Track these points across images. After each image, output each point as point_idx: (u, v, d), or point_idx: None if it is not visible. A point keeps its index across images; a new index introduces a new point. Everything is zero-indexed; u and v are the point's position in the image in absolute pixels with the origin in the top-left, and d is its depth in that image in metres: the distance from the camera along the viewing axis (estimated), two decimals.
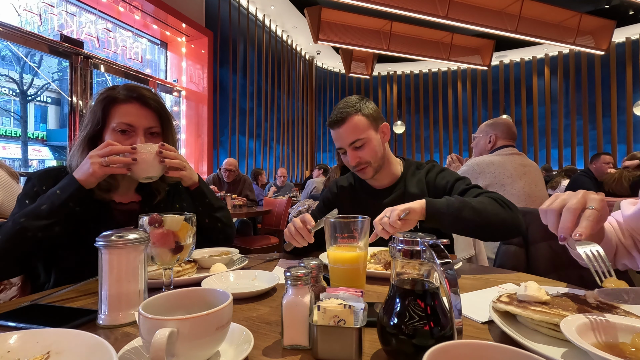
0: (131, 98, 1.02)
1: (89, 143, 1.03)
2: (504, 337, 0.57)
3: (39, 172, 1.06)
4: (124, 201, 1.11)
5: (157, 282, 0.80)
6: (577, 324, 0.51)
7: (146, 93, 1.05)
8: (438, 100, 10.96)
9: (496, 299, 0.64)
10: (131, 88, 1.04)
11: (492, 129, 2.30)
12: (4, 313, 0.69)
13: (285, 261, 1.13)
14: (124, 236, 0.66)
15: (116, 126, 1.01)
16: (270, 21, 8.27)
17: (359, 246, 0.77)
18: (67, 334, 0.50)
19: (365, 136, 1.22)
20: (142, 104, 1.03)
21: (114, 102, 1.02)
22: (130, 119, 1.01)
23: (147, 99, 1.04)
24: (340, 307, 0.52)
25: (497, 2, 6.56)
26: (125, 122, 1.01)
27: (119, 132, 1.01)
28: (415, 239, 0.51)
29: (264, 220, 4.30)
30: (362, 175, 1.29)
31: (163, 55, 6.01)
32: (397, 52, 7.84)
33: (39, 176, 1.03)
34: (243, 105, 7.42)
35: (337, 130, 1.24)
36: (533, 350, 0.48)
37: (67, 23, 4.36)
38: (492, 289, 0.82)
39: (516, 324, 0.60)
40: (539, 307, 0.58)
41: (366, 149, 1.22)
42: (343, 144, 1.24)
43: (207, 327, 0.47)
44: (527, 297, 0.61)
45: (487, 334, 0.60)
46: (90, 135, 1.03)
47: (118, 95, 1.02)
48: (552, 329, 0.54)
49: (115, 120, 1.01)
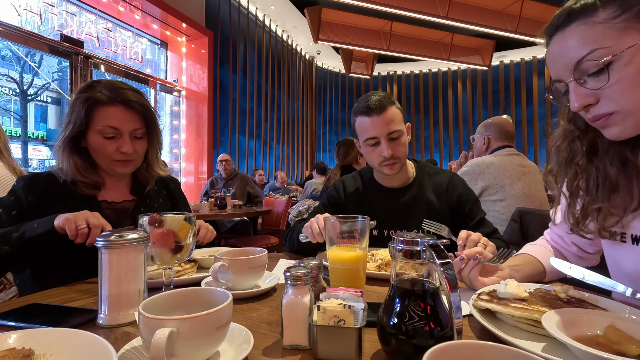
0: (115, 101, 1.01)
1: (70, 143, 1.02)
2: (485, 333, 0.59)
3: (26, 178, 1.03)
4: (117, 200, 1.11)
5: (157, 282, 0.80)
6: (556, 319, 0.54)
7: (130, 95, 1.03)
8: (438, 100, 10.96)
9: (476, 296, 0.66)
10: (114, 89, 1.02)
11: (485, 130, 2.33)
12: (4, 313, 0.69)
13: (286, 261, 1.13)
14: (124, 236, 0.66)
15: (101, 130, 1.00)
16: (270, 21, 8.26)
17: (359, 246, 0.77)
18: (67, 334, 0.50)
19: (402, 129, 1.22)
20: (126, 107, 1.02)
21: (97, 104, 1.00)
22: (115, 122, 1.00)
23: (131, 102, 1.02)
24: (340, 307, 0.52)
25: (497, 2, 6.56)
26: (109, 125, 1.00)
27: (103, 137, 1.00)
28: (415, 239, 0.51)
29: (264, 220, 4.30)
30: (390, 170, 1.23)
31: (163, 55, 6.01)
32: (397, 52, 7.84)
33: (25, 184, 1.01)
34: (243, 105, 7.41)
35: (376, 117, 1.18)
36: (517, 345, 0.50)
37: (67, 23, 4.36)
38: None
39: (495, 320, 0.62)
40: (518, 304, 0.60)
41: (400, 142, 1.21)
42: (380, 133, 1.19)
43: (207, 327, 0.47)
44: (507, 295, 0.63)
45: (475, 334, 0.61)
46: (72, 135, 1.02)
47: (101, 97, 1.00)
48: (531, 325, 0.57)
49: (99, 123, 1.00)
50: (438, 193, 1.27)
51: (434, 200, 1.26)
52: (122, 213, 1.09)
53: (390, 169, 1.23)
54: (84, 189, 1.03)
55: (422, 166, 1.35)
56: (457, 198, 1.26)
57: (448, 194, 1.26)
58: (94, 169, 1.06)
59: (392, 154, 1.19)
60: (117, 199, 1.11)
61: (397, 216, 1.26)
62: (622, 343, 0.49)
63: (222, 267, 0.77)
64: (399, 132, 1.20)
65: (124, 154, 1.01)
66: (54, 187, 1.02)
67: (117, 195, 1.11)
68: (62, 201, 1.01)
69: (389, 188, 1.31)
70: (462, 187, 1.29)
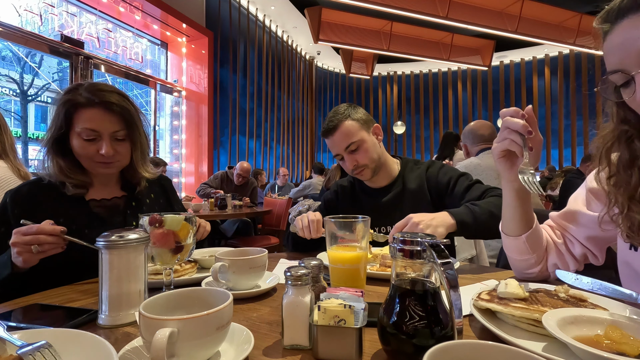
0: (93, 103, 0.99)
1: (53, 145, 1.02)
2: (485, 332, 0.59)
3: (12, 192, 1.01)
4: (107, 197, 1.10)
5: (157, 282, 0.80)
6: (556, 319, 0.53)
7: (109, 97, 1.01)
8: (438, 100, 10.96)
9: (477, 296, 0.66)
10: (93, 91, 1.00)
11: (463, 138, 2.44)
12: (4, 313, 0.69)
13: (286, 261, 1.13)
14: (124, 236, 0.66)
15: (81, 132, 0.99)
16: (270, 21, 8.27)
17: (359, 246, 0.77)
18: (67, 334, 0.50)
19: (359, 139, 1.26)
20: (105, 109, 1.00)
21: (77, 107, 1.00)
22: (94, 124, 0.99)
23: (110, 105, 1.01)
24: (340, 307, 0.52)
25: (497, 3, 6.57)
26: (89, 127, 0.99)
27: (84, 139, 1.00)
28: (416, 239, 0.51)
29: (264, 220, 4.30)
30: (361, 177, 1.33)
31: (163, 55, 6.02)
32: (397, 52, 7.85)
33: (10, 197, 1.00)
34: (243, 105, 7.42)
35: (331, 138, 1.28)
36: (517, 345, 0.50)
37: (67, 23, 4.37)
38: (475, 285, 0.84)
39: (496, 319, 0.62)
40: (519, 303, 0.60)
41: (361, 151, 1.26)
42: (339, 150, 1.28)
43: (208, 327, 0.47)
44: (507, 295, 0.63)
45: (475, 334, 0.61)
46: (54, 138, 1.02)
47: (80, 100, 0.99)
48: (531, 324, 0.57)
49: (78, 125, 0.99)
50: (419, 183, 1.30)
51: (416, 191, 1.30)
52: (113, 209, 1.09)
53: (361, 175, 1.32)
54: (72, 189, 1.03)
55: (405, 162, 1.39)
56: (436, 180, 1.28)
57: (428, 180, 1.30)
58: (80, 169, 1.05)
59: (355, 164, 1.28)
60: (107, 195, 1.10)
61: (384, 213, 1.29)
62: (622, 342, 0.49)
63: (223, 267, 0.77)
64: (357, 143, 1.26)
65: (103, 156, 1.00)
66: (39, 193, 1.02)
67: (107, 192, 1.11)
68: (50, 205, 1.01)
69: (375, 188, 1.37)
70: (441, 169, 1.31)
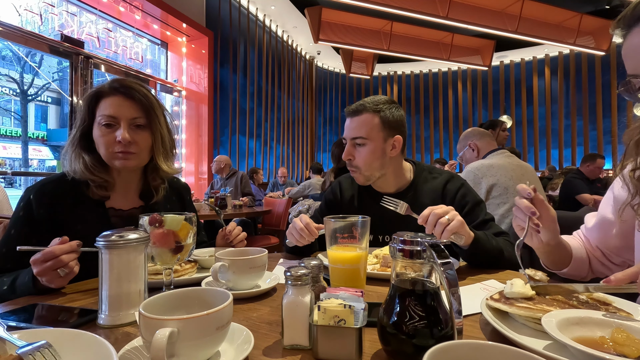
0: (115, 90, 1.01)
1: (80, 142, 1.03)
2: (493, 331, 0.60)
3: (36, 188, 1.00)
4: (124, 207, 1.10)
5: (157, 282, 0.80)
6: (558, 318, 0.54)
7: (131, 84, 1.03)
8: (438, 100, 10.96)
9: (489, 297, 0.67)
10: (117, 80, 1.03)
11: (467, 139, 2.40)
12: (4, 313, 0.69)
13: (286, 261, 1.13)
14: (124, 236, 0.66)
15: (100, 119, 1.00)
16: (270, 21, 8.26)
17: (359, 246, 0.77)
18: (67, 334, 0.50)
19: (370, 138, 1.16)
20: (125, 96, 1.02)
21: (100, 97, 1.02)
22: (113, 110, 1.00)
23: (131, 90, 1.02)
24: (340, 307, 0.52)
25: (498, 3, 6.56)
26: (107, 114, 0.99)
27: (103, 125, 1.00)
28: (416, 239, 0.51)
29: (264, 220, 4.30)
30: (353, 176, 1.25)
31: (163, 55, 6.01)
32: (397, 52, 7.84)
33: (36, 194, 0.98)
34: (243, 105, 7.41)
35: (349, 119, 1.20)
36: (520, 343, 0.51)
37: (67, 23, 4.37)
38: (475, 285, 0.85)
39: (508, 318, 0.63)
40: (524, 303, 0.61)
41: (363, 152, 1.17)
42: (347, 135, 1.21)
43: (207, 327, 0.47)
44: (513, 294, 0.64)
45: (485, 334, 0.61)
46: (80, 134, 1.03)
47: (104, 89, 1.02)
48: (537, 324, 0.57)
49: (99, 114, 1.01)
50: (434, 197, 1.19)
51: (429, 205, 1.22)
52: (129, 221, 1.08)
53: (353, 174, 1.24)
54: (95, 191, 1.02)
55: (420, 170, 1.27)
56: (453, 200, 1.17)
57: (443, 197, 1.19)
58: (103, 167, 1.05)
59: (348, 159, 1.19)
60: (125, 206, 1.10)
61: (391, 223, 1.17)
62: (625, 345, 0.49)
63: (223, 267, 0.77)
64: (365, 140, 1.16)
65: (121, 143, 0.99)
66: (63, 193, 1.01)
67: (126, 202, 1.10)
68: (71, 209, 1.00)
69: (383, 194, 1.22)
70: (460, 189, 1.20)
